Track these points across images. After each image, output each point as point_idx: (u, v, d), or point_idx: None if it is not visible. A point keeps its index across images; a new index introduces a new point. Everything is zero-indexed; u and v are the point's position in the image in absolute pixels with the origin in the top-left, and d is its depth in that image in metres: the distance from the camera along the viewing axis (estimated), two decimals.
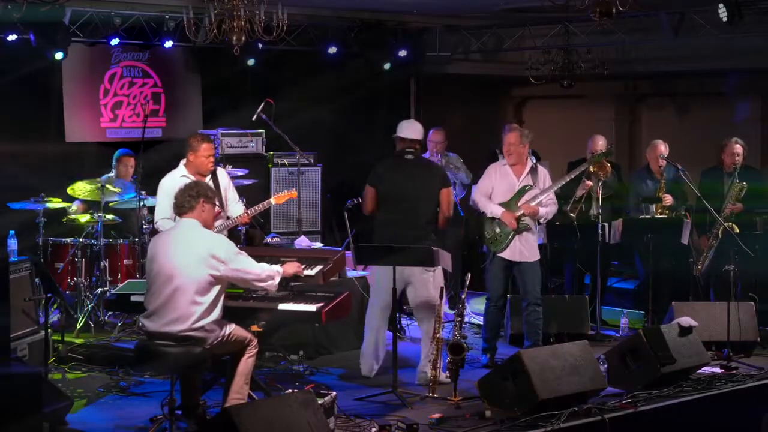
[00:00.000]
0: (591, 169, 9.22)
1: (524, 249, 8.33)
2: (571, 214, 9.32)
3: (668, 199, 9.45)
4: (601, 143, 9.74)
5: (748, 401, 7.55)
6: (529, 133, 8.48)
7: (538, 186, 8.37)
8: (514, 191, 8.34)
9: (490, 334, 8.51)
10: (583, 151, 9.85)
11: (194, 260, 6.17)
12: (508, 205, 8.30)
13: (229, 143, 10.86)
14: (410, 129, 8.07)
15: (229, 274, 6.25)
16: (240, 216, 7.96)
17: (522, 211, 8.25)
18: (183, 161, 7.83)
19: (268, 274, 6.43)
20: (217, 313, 6.28)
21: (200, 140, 7.77)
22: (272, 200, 8.35)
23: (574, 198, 9.34)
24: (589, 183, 9.30)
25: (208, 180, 7.75)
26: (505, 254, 8.32)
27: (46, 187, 9.41)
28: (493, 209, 8.30)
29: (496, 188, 8.39)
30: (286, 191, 8.54)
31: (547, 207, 8.41)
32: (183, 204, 6.35)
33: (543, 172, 8.47)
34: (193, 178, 7.58)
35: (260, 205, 8.14)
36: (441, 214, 7.94)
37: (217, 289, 6.25)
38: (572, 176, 8.81)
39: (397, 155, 8.04)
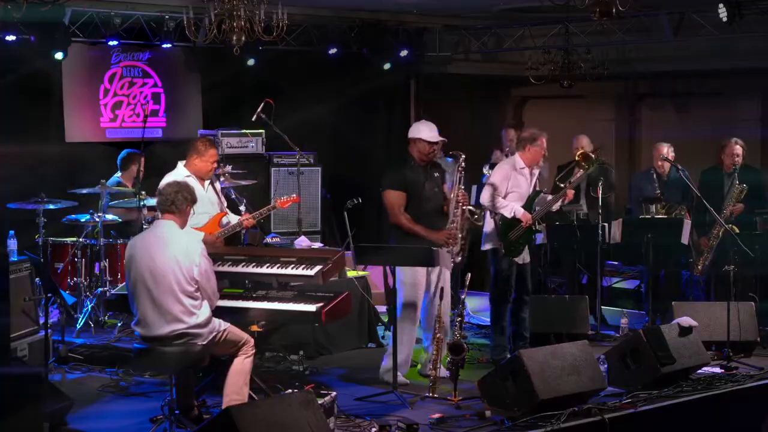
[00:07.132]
0: (576, 159, 9.16)
1: (525, 253, 8.33)
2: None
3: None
4: (585, 142, 9.98)
5: (748, 401, 7.55)
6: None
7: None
8: (525, 197, 8.29)
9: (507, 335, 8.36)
10: None
11: (174, 260, 6.16)
12: (528, 208, 8.24)
13: (229, 143, 10.85)
14: None
15: (203, 274, 6.24)
16: (245, 220, 7.83)
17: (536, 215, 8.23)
18: (182, 162, 7.73)
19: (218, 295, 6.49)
20: (205, 311, 6.28)
21: (208, 145, 7.69)
22: (276, 204, 8.10)
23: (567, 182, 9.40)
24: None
25: (207, 184, 7.70)
26: (518, 258, 8.26)
27: (46, 187, 9.40)
28: (516, 210, 8.15)
29: (513, 193, 8.23)
30: (287, 196, 8.30)
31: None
32: (174, 202, 6.31)
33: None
34: (196, 180, 7.55)
35: (264, 210, 8.09)
36: None
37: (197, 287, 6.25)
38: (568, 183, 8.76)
39: None
